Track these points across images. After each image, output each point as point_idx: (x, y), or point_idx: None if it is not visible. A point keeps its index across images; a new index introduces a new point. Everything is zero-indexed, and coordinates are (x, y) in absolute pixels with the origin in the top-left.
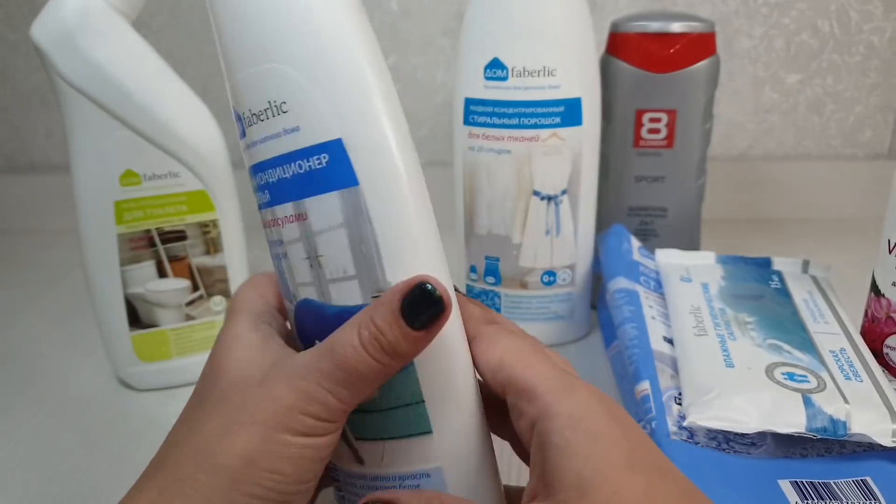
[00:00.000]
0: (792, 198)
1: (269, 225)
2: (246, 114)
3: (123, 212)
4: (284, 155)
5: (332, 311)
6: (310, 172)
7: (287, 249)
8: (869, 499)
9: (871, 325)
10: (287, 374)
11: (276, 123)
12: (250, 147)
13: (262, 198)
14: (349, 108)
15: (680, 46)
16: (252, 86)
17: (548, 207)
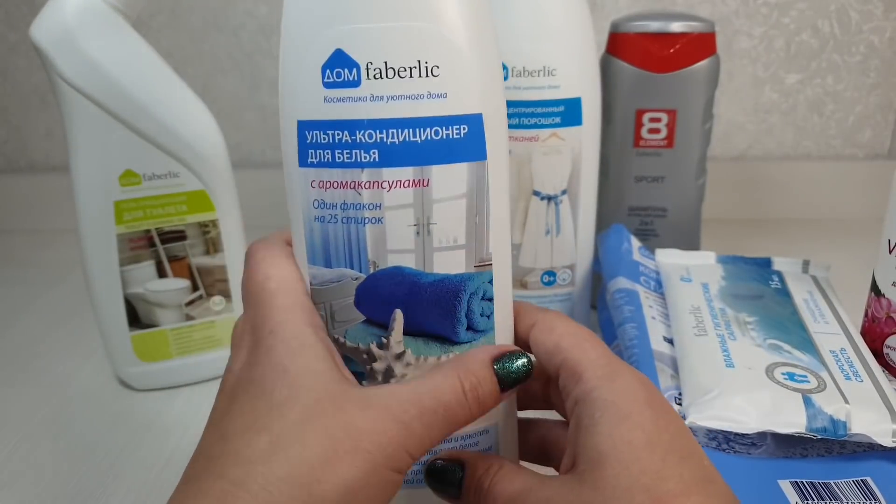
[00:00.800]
0: (792, 198)
1: (356, 187)
2: (374, 64)
3: (123, 212)
4: (423, 118)
5: (430, 280)
6: (446, 140)
7: (384, 214)
8: (869, 499)
9: (871, 325)
10: (388, 404)
11: (421, 85)
12: (364, 100)
13: (359, 156)
14: (491, 87)
15: (680, 46)
16: (399, 40)
17: (548, 207)
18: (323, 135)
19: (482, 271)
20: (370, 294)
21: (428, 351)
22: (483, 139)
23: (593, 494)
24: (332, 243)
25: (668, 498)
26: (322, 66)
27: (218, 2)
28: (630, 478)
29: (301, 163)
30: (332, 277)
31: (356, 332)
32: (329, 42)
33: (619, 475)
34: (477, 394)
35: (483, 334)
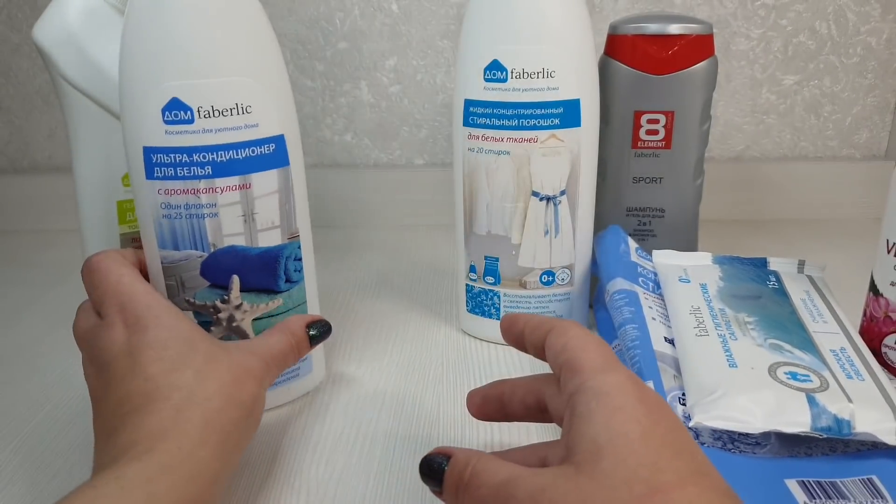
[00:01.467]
0: (789, 199)
1: (198, 192)
2: (204, 108)
3: (126, 212)
4: (243, 142)
5: (257, 252)
6: (260, 156)
7: (219, 210)
8: (876, 497)
9: (869, 325)
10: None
11: (239, 119)
12: (198, 132)
13: (197, 171)
14: (288, 114)
15: (678, 48)
16: (222, 90)
17: (546, 208)
18: (166, 156)
19: (293, 241)
20: (212, 266)
21: (259, 300)
22: (286, 152)
23: (591, 485)
24: (179, 233)
25: (665, 488)
26: (162, 108)
27: None
28: (627, 469)
29: (148, 176)
30: (180, 257)
31: (203, 294)
32: (166, 91)
33: (616, 466)
34: (298, 347)
35: (297, 283)
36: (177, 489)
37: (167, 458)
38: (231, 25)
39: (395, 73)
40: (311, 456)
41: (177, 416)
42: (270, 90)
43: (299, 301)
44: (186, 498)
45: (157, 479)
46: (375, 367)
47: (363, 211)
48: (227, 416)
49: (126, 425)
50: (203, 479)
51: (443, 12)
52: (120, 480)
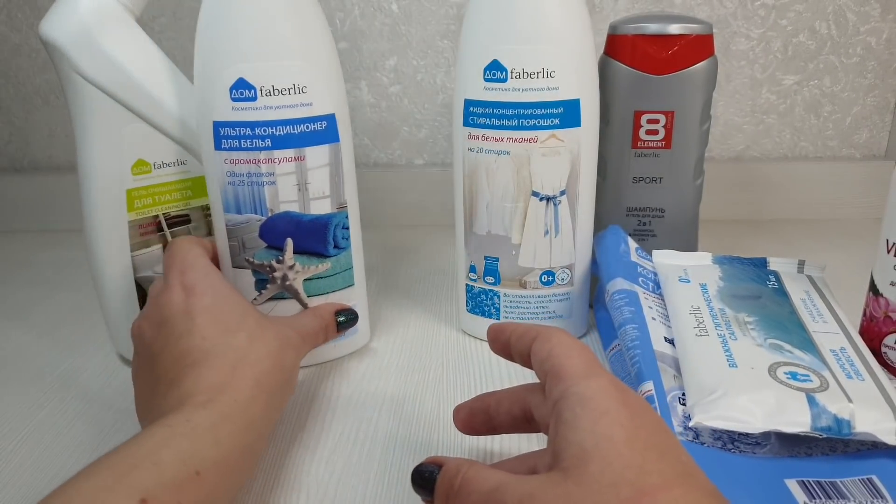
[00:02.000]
0: (789, 198)
1: (258, 162)
2: (265, 87)
3: (134, 199)
4: (298, 119)
5: (309, 218)
6: (313, 132)
7: (277, 179)
8: (876, 497)
9: (869, 325)
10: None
11: (296, 98)
12: (260, 108)
13: (258, 143)
14: (339, 95)
15: (678, 48)
16: (282, 71)
17: (546, 208)
18: (232, 130)
19: (341, 211)
20: (269, 229)
21: (310, 262)
22: (336, 129)
23: (579, 490)
24: (241, 198)
25: (651, 491)
26: (230, 87)
27: None
28: (614, 473)
29: (216, 147)
30: (241, 220)
31: (261, 254)
32: (234, 72)
33: (603, 470)
34: (326, 329)
35: (344, 250)
36: (235, 436)
37: (227, 408)
38: (291, 15)
39: (395, 73)
40: (311, 456)
41: (232, 372)
42: (323, 73)
43: (346, 266)
44: (242, 444)
45: (220, 426)
46: (375, 367)
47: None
48: (273, 378)
49: (188, 376)
50: (255, 429)
51: (443, 12)
52: (191, 423)
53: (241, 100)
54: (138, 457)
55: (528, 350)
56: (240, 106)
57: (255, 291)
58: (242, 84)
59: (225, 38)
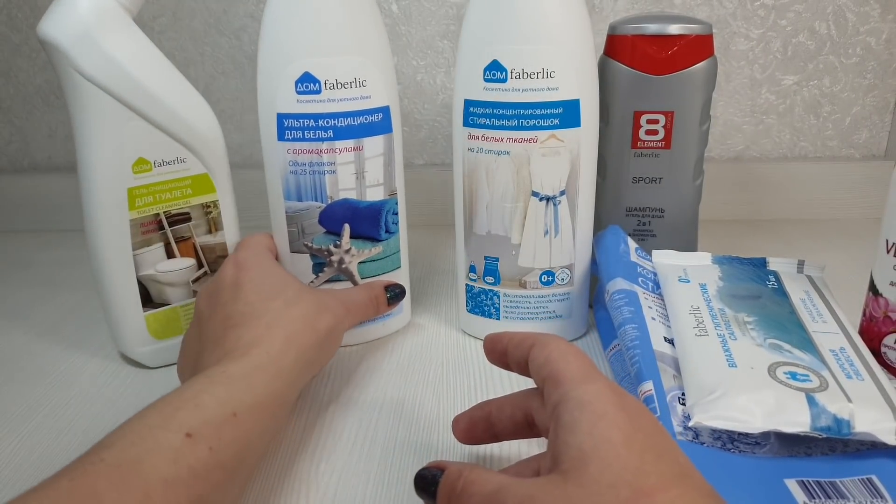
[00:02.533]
0: (789, 198)
1: (321, 152)
2: (329, 81)
3: (136, 198)
4: (358, 111)
5: (365, 205)
6: (370, 123)
7: (337, 168)
8: (875, 497)
9: (868, 325)
10: (339, 297)
11: (356, 91)
12: (323, 101)
13: (321, 134)
14: (393, 89)
15: (678, 48)
16: (344, 66)
17: (546, 208)
18: (296, 121)
19: (392, 198)
20: (328, 215)
21: (364, 246)
22: (390, 121)
23: (579, 491)
24: (303, 186)
25: (650, 491)
26: (296, 80)
27: (219, 4)
28: (613, 474)
29: (280, 138)
30: (302, 207)
31: (320, 239)
32: (300, 66)
33: (602, 472)
34: (377, 302)
35: (394, 234)
36: (266, 383)
37: (259, 359)
38: (352, 11)
39: (396, 73)
40: (311, 456)
41: (267, 330)
42: (380, 68)
43: (395, 249)
44: (272, 390)
45: (253, 374)
46: (375, 367)
47: None
48: (304, 338)
49: (229, 336)
50: (285, 379)
51: (443, 12)
52: (226, 373)
53: (307, 93)
54: (182, 400)
55: (525, 358)
56: (305, 99)
57: (312, 275)
58: (308, 78)
59: (291, 33)
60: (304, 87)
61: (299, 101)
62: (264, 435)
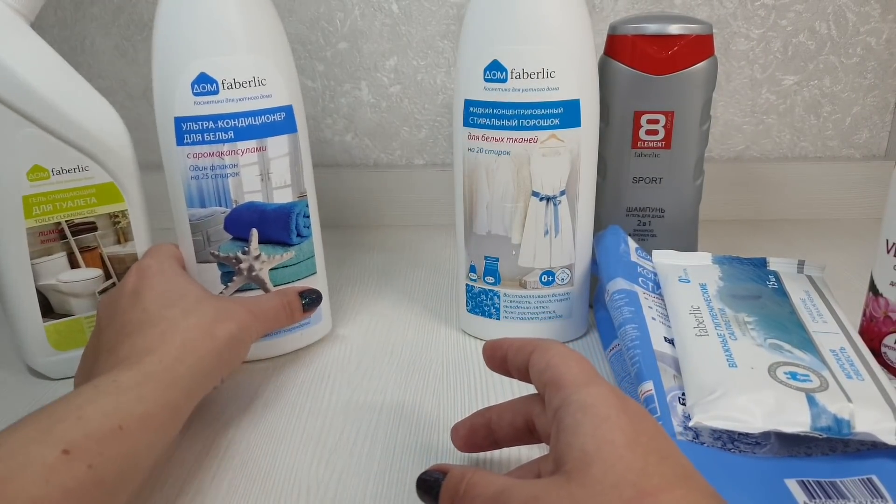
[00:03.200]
0: (789, 199)
1: (222, 154)
2: (227, 80)
3: (32, 206)
4: (259, 110)
5: (272, 208)
6: (273, 122)
7: (240, 170)
8: (876, 497)
9: (869, 325)
10: (245, 304)
11: (256, 90)
12: (222, 102)
13: (221, 136)
14: (295, 87)
15: (678, 48)
16: (244, 65)
17: (546, 208)
18: (195, 124)
19: (302, 200)
20: (234, 221)
21: (274, 251)
22: (294, 120)
23: (583, 491)
24: (206, 191)
25: (654, 492)
26: (191, 82)
27: None
28: (616, 475)
29: (178, 143)
30: (206, 213)
31: (227, 246)
32: (195, 67)
33: (606, 472)
34: (290, 309)
35: (306, 238)
36: (158, 393)
37: (151, 368)
38: (248, 9)
39: (396, 73)
40: (311, 456)
41: (161, 338)
42: (280, 66)
43: (308, 254)
44: (165, 400)
45: (144, 383)
46: (375, 367)
47: (363, 211)
48: (202, 345)
49: (124, 344)
50: (178, 388)
51: (443, 12)
52: (116, 382)
53: (204, 94)
54: (64, 412)
55: (526, 363)
56: (202, 100)
57: (222, 285)
58: (204, 78)
59: (184, 34)
60: (200, 89)
61: (197, 103)
62: (152, 448)
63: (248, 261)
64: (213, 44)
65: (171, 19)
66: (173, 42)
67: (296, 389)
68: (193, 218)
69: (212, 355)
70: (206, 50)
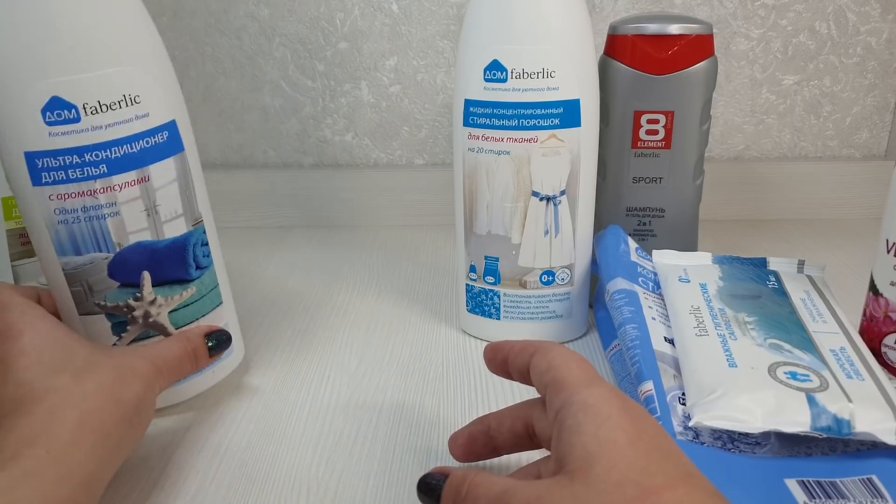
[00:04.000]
0: (789, 198)
1: (94, 193)
2: (90, 104)
3: (11, 207)
4: (135, 134)
5: (164, 244)
6: (154, 146)
7: (120, 208)
8: (876, 497)
9: (869, 325)
10: (147, 356)
11: (129, 111)
12: (86, 130)
13: (90, 171)
14: (177, 99)
15: (678, 48)
16: (107, 82)
17: (546, 208)
18: (53, 160)
19: (198, 227)
20: (120, 266)
21: (172, 292)
22: (179, 137)
23: (586, 490)
24: (79, 237)
25: (657, 490)
26: (42, 109)
27: (220, 4)
28: (619, 473)
29: (35, 183)
30: (84, 262)
31: (114, 295)
32: (44, 90)
33: (609, 471)
34: (195, 356)
35: (207, 269)
36: (41, 493)
37: (33, 462)
38: (106, 13)
39: (396, 73)
40: (311, 456)
41: (49, 418)
42: (156, 77)
43: (212, 286)
44: (54, 500)
45: (20, 485)
46: (376, 367)
47: (363, 211)
48: (107, 416)
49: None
50: (74, 480)
51: (443, 12)
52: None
53: (60, 122)
54: None
55: (526, 365)
56: (59, 130)
57: (114, 336)
58: (58, 104)
59: (23, 47)
60: (55, 117)
61: (52, 135)
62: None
63: (142, 307)
64: (69, 58)
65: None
66: (8, 58)
67: (295, 390)
68: (68, 267)
69: (121, 425)
70: (59, 67)
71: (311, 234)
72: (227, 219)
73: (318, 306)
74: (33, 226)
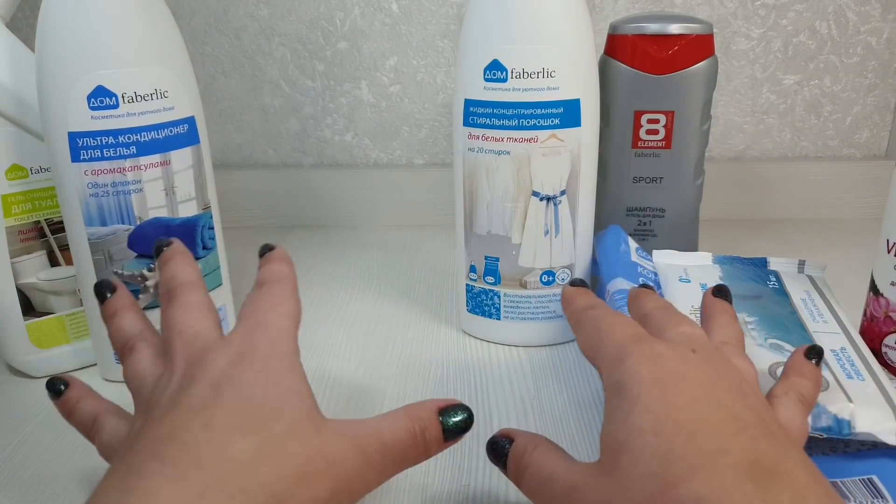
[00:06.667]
0: (789, 198)
1: (124, 170)
2: (127, 94)
3: (11, 205)
4: (161, 123)
5: (178, 222)
6: (176, 135)
7: (144, 186)
8: (876, 497)
9: (869, 325)
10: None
11: (158, 103)
12: (122, 116)
13: (122, 151)
14: (196, 99)
15: (678, 48)
16: (143, 77)
17: (547, 208)
18: (92, 140)
19: (206, 212)
20: (139, 238)
21: None
22: (197, 131)
23: (612, 485)
24: (106, 209)
25: (674, 481)
26: (87, 95)
27: (219, 4)
28: (641, 466)
29: (74, 159)
30: (107, 232)
31: (132, 264)
32: (92, 80)
33: (632, 464)
34: (425, 437)
35: (211, 250)
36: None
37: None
38: (146, 19)
39: (396, 72)
40: None
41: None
42: (181, 77)
43: (214, 266)
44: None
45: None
46: (376, 367)
47: (363, 211)
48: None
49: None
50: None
51: (443, 12)
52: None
53: (102, 108)
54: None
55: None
56: (101, 115)
57: None
58: (102, 92)
59: (79, 44)
60: (98, 103)
61: (94, 118)
62: None
63: (154, 278)
64: (112, 55)
65: (61, 28)
66: (63, 53)
67: None
68: (93, 237)
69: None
70: (102, 62)
71: (311, 234)
72: (227, 218)
73: (318, 306)
74: (66, 198)
